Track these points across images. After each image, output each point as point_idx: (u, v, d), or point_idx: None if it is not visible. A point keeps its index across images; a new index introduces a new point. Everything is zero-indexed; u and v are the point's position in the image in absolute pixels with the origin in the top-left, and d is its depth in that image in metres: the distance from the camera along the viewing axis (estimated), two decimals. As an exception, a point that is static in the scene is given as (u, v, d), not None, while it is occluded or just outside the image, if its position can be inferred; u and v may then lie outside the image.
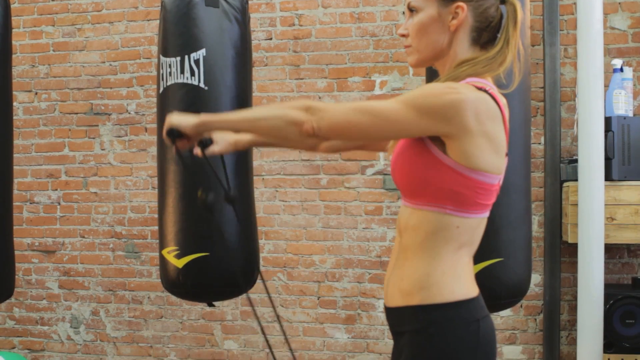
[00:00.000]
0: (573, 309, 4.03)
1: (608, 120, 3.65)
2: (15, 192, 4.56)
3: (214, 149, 2.01)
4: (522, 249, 2.92)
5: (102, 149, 4.59)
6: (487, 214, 1.63)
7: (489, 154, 1.54)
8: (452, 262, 1.58)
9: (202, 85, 2.99)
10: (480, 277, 2.79)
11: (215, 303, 4.02)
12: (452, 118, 1.48)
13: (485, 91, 1.53)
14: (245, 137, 2.04)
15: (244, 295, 4.36)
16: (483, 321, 1.59)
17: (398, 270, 1.64)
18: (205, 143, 2.01)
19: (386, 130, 1.53)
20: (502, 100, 1.59)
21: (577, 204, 3.62)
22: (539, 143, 4.10)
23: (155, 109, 3.94)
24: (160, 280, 3.21)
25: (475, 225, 1.60)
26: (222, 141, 2.02)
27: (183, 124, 1.82)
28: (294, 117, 1.56)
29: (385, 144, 1.86)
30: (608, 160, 3.64)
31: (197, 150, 2.03)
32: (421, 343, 1.57)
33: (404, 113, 1.49)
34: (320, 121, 1.53)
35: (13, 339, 4.75)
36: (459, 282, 1.59)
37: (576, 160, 3.76)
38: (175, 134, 1.85)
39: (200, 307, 4.45)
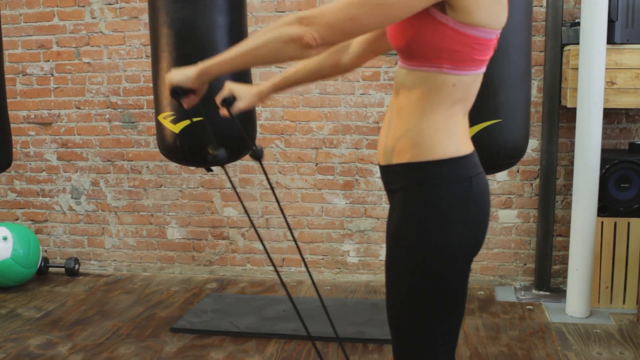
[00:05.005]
0: (569, 173, 4.07)
1: (613, -20, 3.55)
2: (6, 64, 4.49)
3: (239, 105, 1.93)
4: (521, 111, 2.92)
5: (93, 18, 4.47)
6: (483, 69, 1.59)
7: (490, 4, 1.49)
8: (445, 120, 1.56)
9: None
10: (478, 138, 2.81)
11: (213, 169, 4.06)
12: None
13: None
14: (265, 85, 1.97)
15: (242, 162, 4.40)
16: (476, 178, 1.59)
17: (392, 129, 1.63)
18: (229, 101, 1.94)
19: (389, 15, 1.45)
20: None
21: (577, 68, 3.58)
22: (541, 5, 4.00)
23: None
24: (158, 149, 3.21)
25: (471, 81, 1.57)
26: (245, 96, 1.95)
27: (184, 80, 1.73)
28: (290, 34, 1.48)
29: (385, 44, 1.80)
30: (611, 22, 3.56)
31: (223, 111, 1.95)
32: (413, 199, 1.57)
33: None
34: (318, 28, 1.46)
35: (16, 211, 4.81)
36: (451, 139, 1.57)
37: (578, 23, 3.68)
38: (180, 92, 1.75)
39: (199, 175, 4.48)
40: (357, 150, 4.28)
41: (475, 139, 2.77)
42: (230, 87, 1.97)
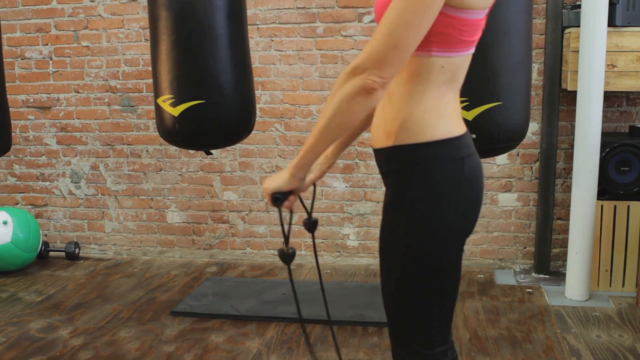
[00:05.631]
0: (569, 157, 4.06)
1: (614, -38, 3.53)
2: (5, 48, 4.47)
3: (311, 177, 1.87)
4: (521, 94, 2.90)
5: (92, 1, 4.45)
6: (472, 50, 1.59)
7: None
8: (435, 101, 1.56)
9: None
10: (478, 121, 2.81)
11: (213, 152, 4.04)
12: None
13: None
14: (328, 150, 1.90)
15: (242, 146, 4.40)
16: (468, 159, 1.59)
17: (383, 113, 1.63)
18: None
19: (424, 23, 1.43)
20: None
21: (578, 51, 3.57)
22: (542, -12, 3.98)
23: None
24: (157, 132, 3.20)
25: (460, 63, 1.57)
26: (314, 166, 1.89)
27: (282, 184, 1.69)
28: (352, 90, 1.45)
29: None
30: (612, 5, 3.54)
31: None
32: (405, 181, 1.58)
33: None
34: (373, 70, 1.43)
35: (16, 196, 4.81)
36: (442, 120, 1.56)
37: (579, 6, 3.66)
38: (281, 197, 1.71)
39: (198, 159, 4.48)
40: (357, 133, 4.27)
41: (475, 121, 2.80)
42: None
